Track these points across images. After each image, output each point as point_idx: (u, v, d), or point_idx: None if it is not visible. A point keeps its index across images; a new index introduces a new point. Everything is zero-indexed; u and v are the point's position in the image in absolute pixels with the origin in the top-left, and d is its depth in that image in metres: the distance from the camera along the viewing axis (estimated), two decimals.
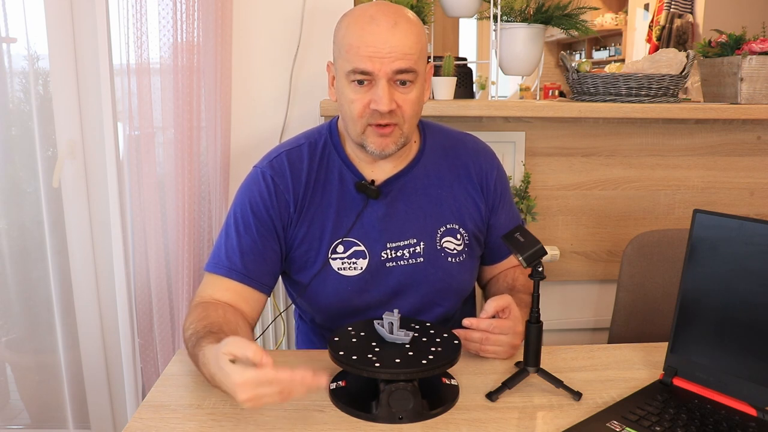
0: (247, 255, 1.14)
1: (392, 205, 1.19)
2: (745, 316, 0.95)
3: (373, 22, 1.06)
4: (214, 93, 1.74)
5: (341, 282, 1.17)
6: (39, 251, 1.91)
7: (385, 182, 1.20)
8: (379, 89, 1.06)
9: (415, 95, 1.10)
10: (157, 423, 0.92)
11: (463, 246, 1.23)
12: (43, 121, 1.81)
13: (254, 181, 1.19)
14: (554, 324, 2.00)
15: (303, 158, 1.19)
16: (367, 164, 1.20)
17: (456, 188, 1.23)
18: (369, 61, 1.05)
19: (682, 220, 1.94)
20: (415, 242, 1.20)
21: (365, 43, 1.05)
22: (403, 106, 1.09)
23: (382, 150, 1.12)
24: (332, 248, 1.17)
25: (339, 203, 1.18)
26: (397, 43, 1.05)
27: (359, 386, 0.98)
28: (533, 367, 1.01)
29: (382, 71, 1.05)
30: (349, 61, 1.07)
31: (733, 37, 1.85)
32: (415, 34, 1.08)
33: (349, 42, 1.07)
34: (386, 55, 1.05)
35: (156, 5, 1.65)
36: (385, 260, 1.18)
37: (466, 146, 1.27)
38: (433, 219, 1.21)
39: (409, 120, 1.11)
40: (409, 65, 1.06)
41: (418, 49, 1.08)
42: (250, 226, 1.15)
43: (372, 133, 1.11)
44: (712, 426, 0.90)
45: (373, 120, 1.09)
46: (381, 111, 1.07)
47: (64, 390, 1.96)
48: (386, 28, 1.05)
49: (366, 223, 1.18)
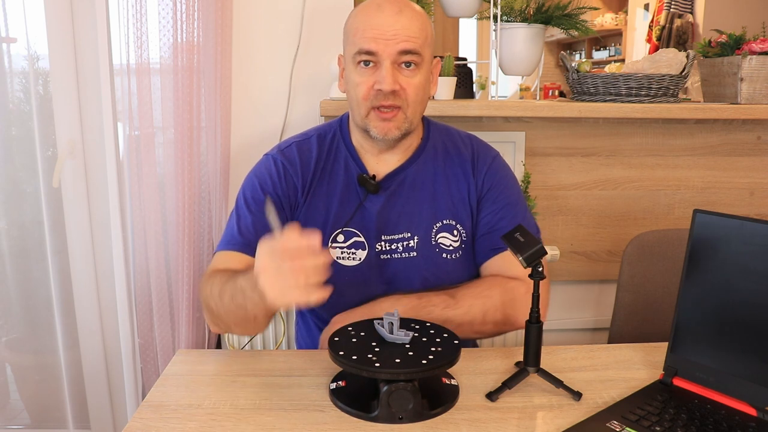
0: (261, 232, 1.14)
1: (390, 198, 1.21)
2: (745, 316, 0.95)
3: (379, 9, 1.11)
4: (214, 93, 1.74)
5: (339, 271, 1.19)
6: (39, 251, 1.91)
7: (387, 176, 1.21)
8: (383, 70, 1.09)
9: (419, 80, 1.12)
10: (157, 423, 0.92)
11: (459, 243, 1.23)
12: (43, 121, 1.81)
13: (264, 165, 1.23)
14: (554, 324, 2.00)
15: (312, 149, 1.23)
16: (372, 156, 1.22)
17: (453, 185, 1.24)
18: (374, 42, 1.09)
19: (682, 220, 1.94)
20: (409, 236, 1.21)
21: (370, 25, 1.10)
22: (407, 89, 1.11)
23: (385, 134, 1.13)
24: (333, 237, 1.19)
25: (342, 193, 1.20)
26: (401, 26, 1.09)
27: (359, 386, 0.98)
28: (533, 367, 1.01)
29: (386, 52, 1.09)
30: (355, 44, 1.11)
31: (733, 37, 1.85)
32: (420, 21, 1.12)
33: (356, 27, 1.12)
34: (391, 37, 1.09)
35: (156, 5, 1.65)
36: (379, 252, 1.20)
37: (467, 146, 1.28)
38: (429, 214, 1.22)
39: (412, 104, 1.13)
40: (413, 47, 1.09)
41: (423, 35, 1.11)
42: (260, 204, 1.17)
43: (375, 117, 1.13)
44: (712, 426, 0.90)
45: (377, 102, 1.11)
46: (384, 90, 1.09)
47: (64, 390, 1.96)
48: (391, 13, 1.10)
49: (366, 215, 1.20)
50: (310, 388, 1.02)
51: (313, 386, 1.02)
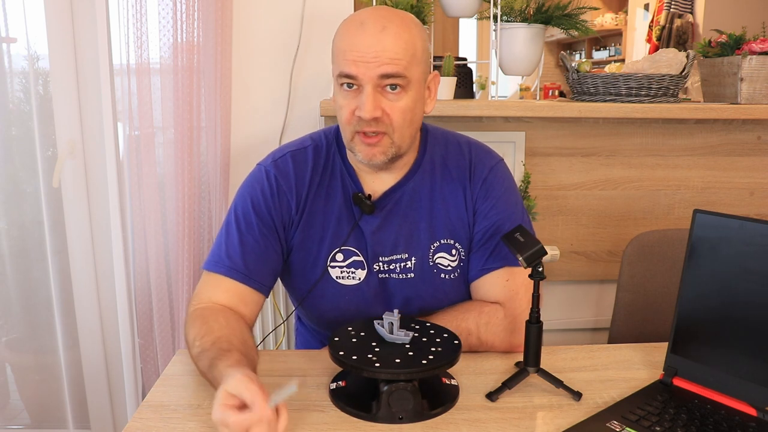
0: (249, 254, 1.13)
1: (387, 218, 1.16)
2: (745, 316, 0.95)
3: (361, 27, 1.04)
4: (214, 93, 1.74)
5: (339, 291, 1.17)
6: (39, 251, 1.91)
7: (383, 195, 1.17)
8: (363, 95, 1.03)
9: (405, 103, 1.05)
10: (157, 423, 0.92)
11: (458, 262, 1.19)
12: (43, 121, 1.81)
13: (257, 179, 1.17)
14: (554, 324, 2.00)
15: (308, 161, 1.18)
16: (367, 174, 1.17)
17: (451, 201, 1.19)
18: (354, 66, 1.02)
19: (682, 220, 1.94)
20: (406, 257, 1.17)
21: (351, 47, 1.03)
22: (391, 114, 1.05)
23: (370, 159, 1.08)
24: (331, 256, 1.16)
25: (341, 211, 1.16)
26: (383, 47, 1.02)
27: (359, 386, 0.98)
28: (533, 367, 1.01)
29: (367, 76, 1.02)
30: (338, 65, 1.06)
31: (733, 37, 1.85)
32: (405, 39, 1.04)
33: (338, 46, 1.06)
34: (371, 60, 1.02)
35: (156, 5, 1.65)
36: (377, 272, 1.17)
37: (465, 156, 1.21)
38: (427, 234, 1.17)
39: (399, 129, 1.07)
40: (395, 70, 1.02)
41: (408, 54, 1.04)
42: (251, 224, 1.14)
43: (359, 142, 1.08)
44: (712, 426, 0.90)
45: (360, 127, 1.06)
46: (364, 118, 1.03)
47: (64, 390, 1.96)
48: (373, 33, 1.03)
49: (362, 235, 1.16)
50: (310, 388, 1.02)
51: (313, 386, 1.02)
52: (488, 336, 1.14)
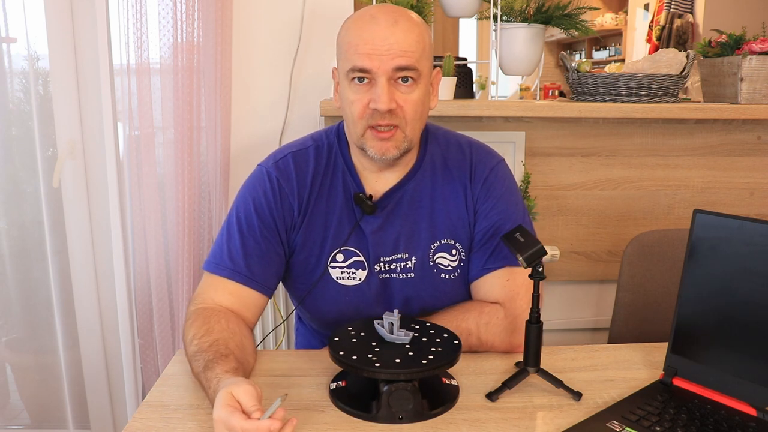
0: (251, 257, 1.12)
1: (388, 218, 1.16)
2: (745, 316, 0.95)
3: (373, 20, 1.04)
4: (214, 93, 1.74)
5: (340, 291, 1.16)
6: (39, 251, 1.91)
7: (384, 195, 1.16)
8: (378, 88, 1.03)
9: (417, 96, 1.06)
10: (157, 423, 0.92)
11: (458, 262, 1.18)
12: (43, 121, 1.81)
13: (258, 181, 1.17)
14: (554, 324, 2.00)
15: (309, 161, 1.17)
16: (371, 173, 1.16)
17: (452, 202, 1.18)
18: (368, 59, 1.02)
19: (682, 220, 1.94)
20: (406, 257, 1.17)
21: (364, 40, 1.03)
22: (405, 107, 1.05)
23: (383, 154, 1.08)
24: (332, 256, 1.16)
25: (341, 212, 1.16)
26: (396, 40, 1.02)
27: (359, 386, 0.98)
28: (533, 367, 1.01)
29: (381, 68, 1.03)
30: (349, 60, 1.05)
31: (733, 37, 1.85)
32: (416, 33, 1.05)
33: (348, 41, 1.06)
34: (385, 53, 1.02)
35: (156, 5, 1.65)
36: (378, 272, 1.17)
37: (467, 156, 1.21)
38: (427, 234, 1.17)
39: (411, 122, 1.07)
40: (409, 63, 1.03)
41: (419, 48, 1.05)
42: (253, 227, 1.13)
43: (372, 137, 1.07)
44: (712, 426, 0.90)
45: (373, 121, 1.05)
46: (380, 110, 1.03)
47: (64, 390, 1.96)
48: (386, 26, 1.03)
49: (363, 235, 1.16)
50: (310, 388, 1.02)
51: (313, 386, 1.02)
52: (488, 336, 1.14)
